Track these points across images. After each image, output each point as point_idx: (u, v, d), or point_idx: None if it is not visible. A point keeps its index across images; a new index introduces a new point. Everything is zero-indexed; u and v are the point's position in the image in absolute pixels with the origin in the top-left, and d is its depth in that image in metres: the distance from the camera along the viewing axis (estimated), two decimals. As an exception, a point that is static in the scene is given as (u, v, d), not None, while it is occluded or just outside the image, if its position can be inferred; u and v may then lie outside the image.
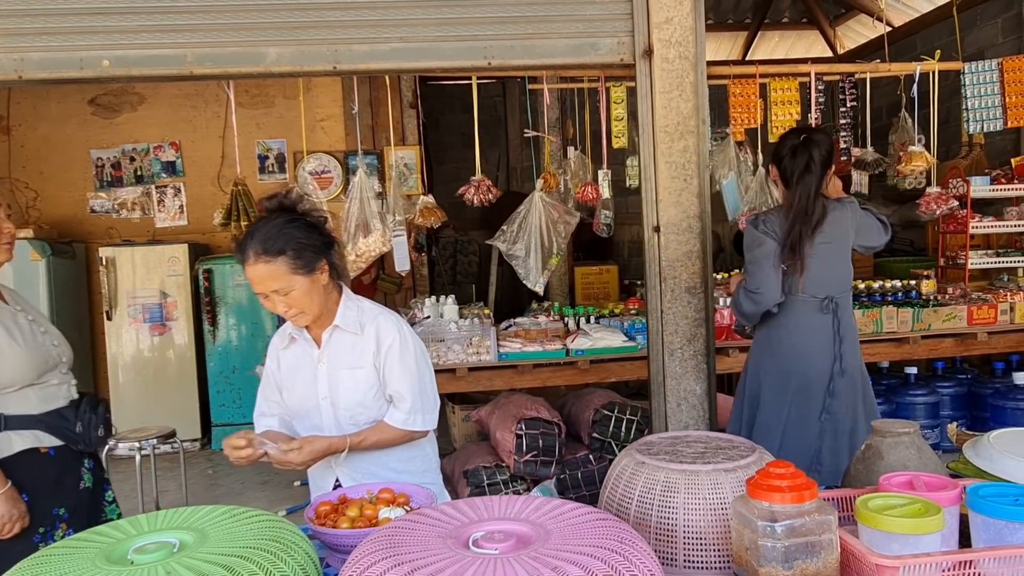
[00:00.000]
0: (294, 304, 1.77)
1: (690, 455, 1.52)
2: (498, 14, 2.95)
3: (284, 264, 1.72)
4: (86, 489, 2.21)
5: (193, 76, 2.90)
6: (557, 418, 3.62)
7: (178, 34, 2.88)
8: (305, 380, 1.89)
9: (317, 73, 2.96)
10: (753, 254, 2.68)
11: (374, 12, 2.92)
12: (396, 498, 1.59)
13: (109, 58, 2.86)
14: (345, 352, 1.88)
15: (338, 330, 1.87)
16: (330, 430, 1.88)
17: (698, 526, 1.38)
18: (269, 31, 2.90)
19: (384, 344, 1.86)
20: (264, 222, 1.77)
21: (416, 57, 2.94)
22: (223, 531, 1.26)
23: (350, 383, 1.87)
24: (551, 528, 1.23)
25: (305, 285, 1.76)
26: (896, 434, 1.59)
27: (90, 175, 5.85)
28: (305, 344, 1.90)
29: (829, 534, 1.18)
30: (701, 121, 3.01)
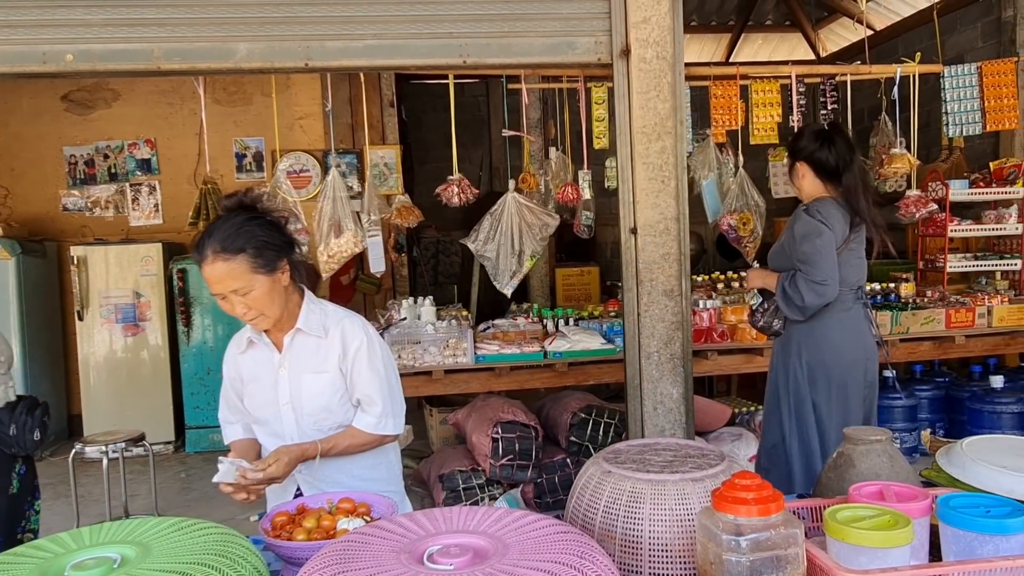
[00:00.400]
0: (254, 305, 1.70)
1: (658, 464, 1.48)
2: (474, 11, 2.91)
3: (244, 263, 1.66)
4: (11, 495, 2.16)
5: (160, 72, 2.83)
6: (534, 421, 3.58)
7: (145, 28, 2.81)
8: (265, 386, 1.83)
9: (288, 70, 2.90)
10: (815, 244, 2.61)
11: (347, 8, 2.86)
12: (356, 508, 1.54)
13: (73, 52, 2.79)
14: (308, 356, 1.82)
15: (300, 333, 1.81)
16: (292, 437, 1.82)
17: (664, 538, 1.34)
18: (239, 26, 2.83)
19: (352, 347, 1.80)
20: (223, 220, 1.71)
21: (390, 54, 2.89)
22: (168, 545, 1.21)
23: (313, 388, 1.81)
24: (510, 542, 1.18)
25: (265, 285, 1.70)
26: (868, 441, 1.56)
27: (63, 172, 5.74)
28: (265, 348, 1.84)
29: (795, 548, 1.14)
30: (679, 122, 2.98)
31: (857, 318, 2.77)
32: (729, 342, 4.06)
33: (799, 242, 2.67)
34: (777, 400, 2.85)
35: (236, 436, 1.91)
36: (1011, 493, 1.44)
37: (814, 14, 8.74)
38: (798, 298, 2.64)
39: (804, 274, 2.63)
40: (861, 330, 2.77)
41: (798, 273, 2.66)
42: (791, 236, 2.73)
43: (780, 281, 2.74)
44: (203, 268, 1.68)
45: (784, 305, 2.72)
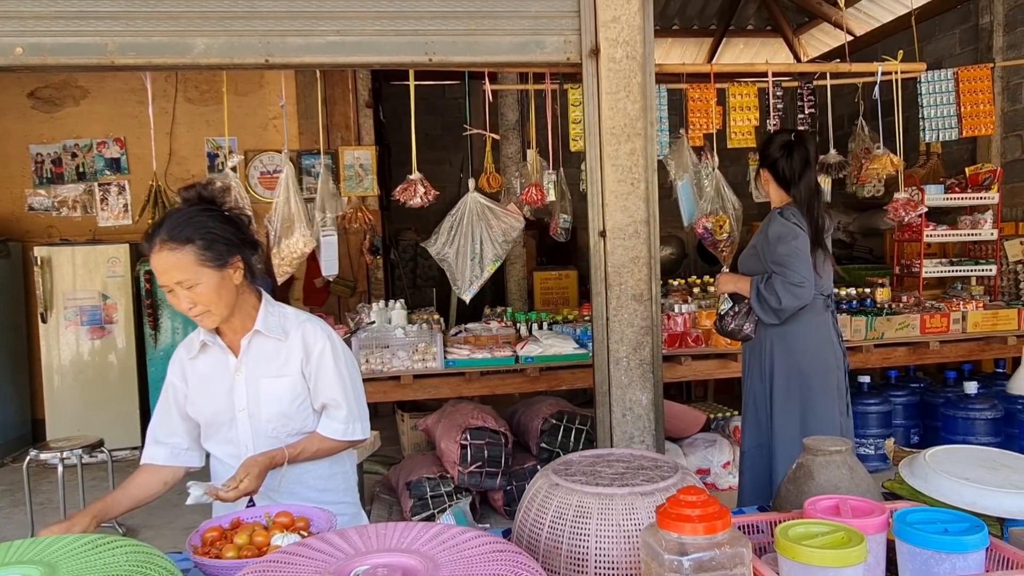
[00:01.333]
0: (200, 300, 1.62)
1: (608, 476, 1.42)
2: (440, 9, 2.84)
3: (191, 254, 1.58)
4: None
5: (115, 66, 2.74)
6: (504, 427, 3.51)
7: (99, 21, 2.73)
8: (219, 391, 1.74)
9: (248, 66, 2.82)
10: (791, 246, 2.60)
11: (309, 3, 2.79)
12: (295, 522, 1.47)
13: (23, 45, 2.70)
14: (266, 360, 1.74)
15: (259, 336, 1.73)
16: (247, 444, 1.74)
17: (611, 554, 1.28)
18: (197, 20, 2.75)
19: (315, 351, 1.73)
20: (177, 210, 1.64)
21: (353, 51, 2.82)
22: (77, 564, 1.13)
23: (272, 392, 1.73)
24: (441, 560, 1.12)
25: (213, 280, 1.61)
26: (828, 452, 1.50)
27: (29, 171, 5.61)
28: (219, 352, 1.75)
29: (742, 567, 1.08)
30: (649, 123, 2.92)
31: (827, 324, 2.77)
32: (704, 347, 4.02)
33: (774, 244, 2.64)
34: (754, 405, 2.83)
35: (156, 461, 1.78)
36: (973, 506, 1.39)
37: (795, 19, 8.76)
38: (774, 300, 2.61)
39: (780, 276, 2.60)
40: (830, 336, 2.77)
41: (774, 275, 2.63)
42: (765, 239, 2.70)
43: (754, 284, 2.70)
44: (151, 257, 1.59)
45: (759, 308, 2.69)
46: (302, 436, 1.75)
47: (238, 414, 1.73)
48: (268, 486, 1.67)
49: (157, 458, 1.78)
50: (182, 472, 1.81)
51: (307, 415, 1.76)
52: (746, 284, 2.75)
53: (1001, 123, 5.95)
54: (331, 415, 1.75)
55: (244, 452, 1.72)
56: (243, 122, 5.68)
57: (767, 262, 2.68)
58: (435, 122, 9.18)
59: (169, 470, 1.78)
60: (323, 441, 1.74)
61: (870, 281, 4.66)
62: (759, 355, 2.79)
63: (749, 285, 2.73)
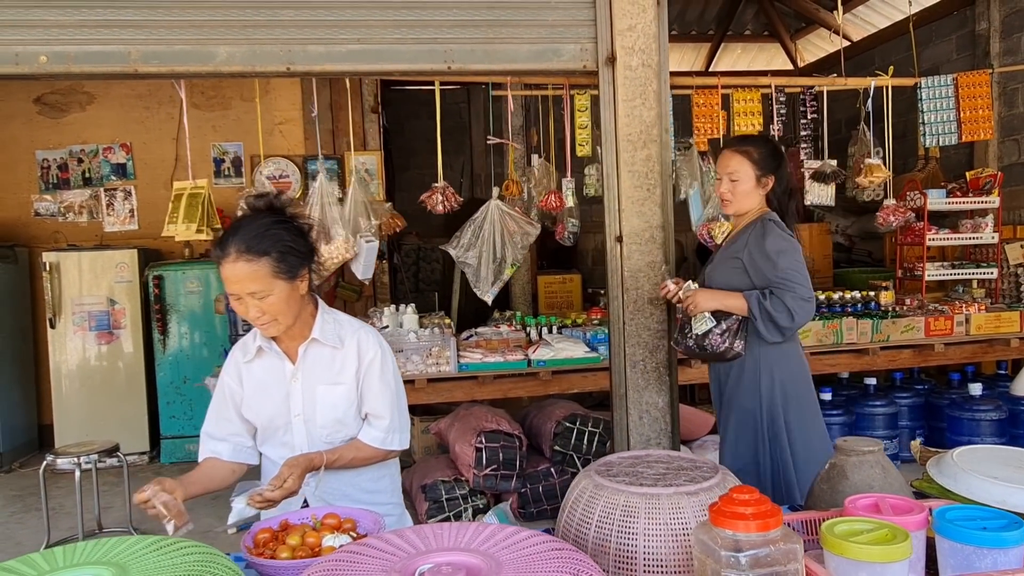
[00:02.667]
0: (269, 310, 1.65)
1: (651, 476, 1.45)
2: (459, 17, 2.88)
3: (267, 266, 1.61)
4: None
5: (138, 74, 2.76)
6: (518, 431, 3.55)
7: (122, 30, 2.75)
8: (276, 397, 1.77)
9: (270, 74, 2.85)
10: (795, 259, 2.44)
11: (330, 12, 2.82)
12: (342, 524, 1.50)
13: (47, 54, 2.72)
14: (323, 367, 1.77)
15: (316, 343, 1.76)
16: (302, 448, 1.77)
17: (659, 552, 1.31)
18: (219, 29, 2.78)
19: (366, 359, 1.76)
20: (250, 220, 1.66)
21: (373, 59, 2.85)
22: (147, 565, 1.16)
23: (328, 399, 1.76)
24: (503, 559, 1.15)
25: (285, 291, 1.65)
26: (861, 452, 1.55)
27: (35, 177, 5.61)
28: (275, 358, 1.77)
29: (795, 563, 1.12)
30: (664, 130, 2.97)
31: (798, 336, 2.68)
32: (712, 350, 4.06)
33: (776, 258, 2.45)
34: (752, 424, 2.62)
35: (222, 456, 1.82)
36: (1003, 504, 1.43)
37: (792, 25, 8.84)
38: (785, 317, 2.42)
39: (790, 292, 2.41)
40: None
41: (781, 291, 2.43)
42: (761, 253, 2.49)
43: (754, 300, 2.47)
44: (223, 266, 1.62)
45: (764, 326, 2.46)
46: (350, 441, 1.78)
47: (294, 419, 1.76)
48: (324, 488, 1.71)
49: (222, 454, 1.82)
50: (245, 468, 1.85)
51: (360, 422, 1.80)
52: (736, 300, 2.51)
53: (998, 128, 6.03)
54: (372, 424, 1.79)
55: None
56: (249, 128, 5.69)
57: (764, 277, 2.49)
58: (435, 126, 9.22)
59: (236, 464, 1.83)
60: (361, 448, 1.77)
61: (874, 284, 4.72)
62: (754, 373, 2.58)
63: (738, 301, 2.50)
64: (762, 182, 2.53)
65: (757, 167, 2.52)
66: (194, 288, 5.18)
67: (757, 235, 2.50)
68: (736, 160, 2.54)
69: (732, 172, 2.54)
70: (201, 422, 5.46)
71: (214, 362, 5.04)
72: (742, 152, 2.54)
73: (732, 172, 2.54)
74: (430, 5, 2.83)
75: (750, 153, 2.53)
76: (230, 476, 1.81)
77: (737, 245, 2.57)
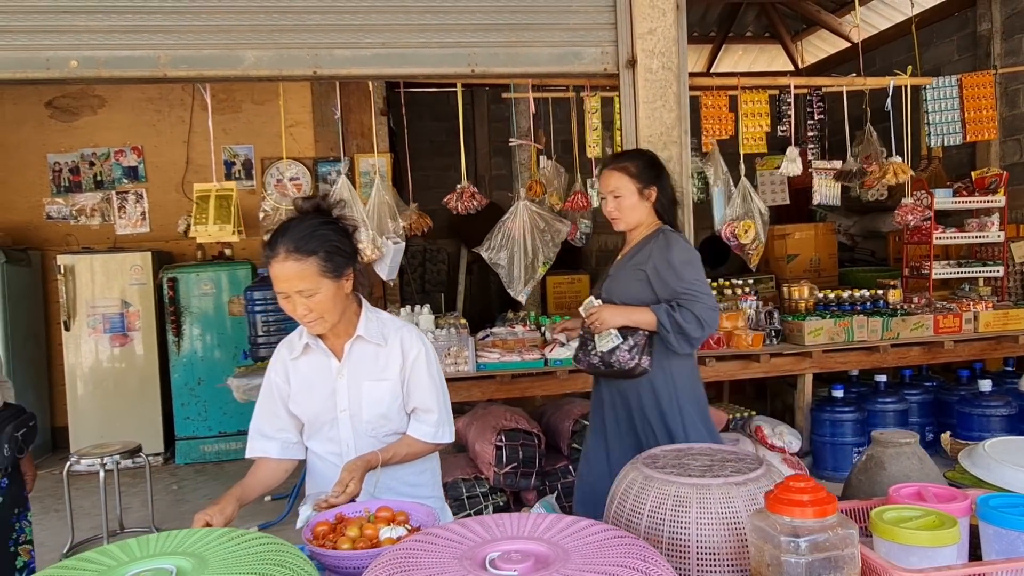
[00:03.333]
0: (315, 308, 1.70)
1: (697, 468, 1.49)
2: (482, 22, 2.93)
3: (314, 265, 1.66)
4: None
5: (167, 78, 2.81)
6: (537, 429, 3.59)
7: (151, 35, 2.80)
8: (322, 393, 1.82)
9: (297, 78, 2.90)
10: (699, 269, 2.45)
11: (356, 17, 2.87)
12: (395, 516, 1.54)
13: (77, 58, 2.76)
14: (368, 364, 1.81)
15: (360, 341, 1.81)
16: (348, 443, 1.82)
17: (711, 541, 1.35)
18: (247, 34, 2.83)
19: (410, 356, 1.82)
20: (298, 220, 1.72)
21: (398, 63, 2.90)
22: (223, 555, 1.19)
23: (373, 395, 1.81)
24: (569, 547, 1.19)
25: (331, 290, 1.70)
26: (898, 444, 1.59)
27: (46, 180, 5.63)
28: (321, 355, 1.82)
29: (851, 548, 1.16)
30: (684, 132, 3.03)
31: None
32: (725, 348, 4.12)
33: (681, 269, 2.41)
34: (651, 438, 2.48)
35: (271, 454, 1.86)
36: (1038, 492, 1.48)
37: (793, 26, 8.91)
38: (695, 328, 2.37)
39: (699, 302, 2.37)
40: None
41: (691, 302, 2.38)
42: (667, 264, 2.43)
43: (664, 314, 2.40)
44: (272, 265, 1.67)
45: (676, 338, 2.39)
46: (398, 436, 1.83)
47: (340, 415, 1.81)
48: (364, 488, 1.74)
49: (271, 452, 1.86)
50: (295, 464, 1.90)
51: (402, 417, 1.85)
52: (644, 315, 2.42)
53: (1000, 128, 6.10)
54: (422, 419, 1.83)
55: (345, 450, 1.80)
56: (260, 131, 5.74)
57: (669, 289, 2.43)
58: (440, 128, 9.27)
59: (287, 462, 1.87)
60: (413, 444, 1.82)
61: (882, 283, 4.78)
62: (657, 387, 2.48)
63: (647, 316, 2.41)
64: (645, 194, 2.48)
65: (637, 180, 2.48)
66: (207, 290, 5.21)
67: (660, 247, 2.46)
68: (615, 177, 2.49)
69: (614, 189, 2.49)
70: (215, 423, 5.48)
71: (227, 363, 5.07)
72: (620, 168, 2.49)
73: (614, 189, 2.49)
74: (454, 10, 2.88)
75: (628, 168, 2.49)
76: (283, 475, 1.87)
77: (639, 258, 2.50)
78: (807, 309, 4.41)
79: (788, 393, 4.72)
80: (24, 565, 2.34)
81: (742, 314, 4.26)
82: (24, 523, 2.36)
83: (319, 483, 1.86)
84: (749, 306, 4.39)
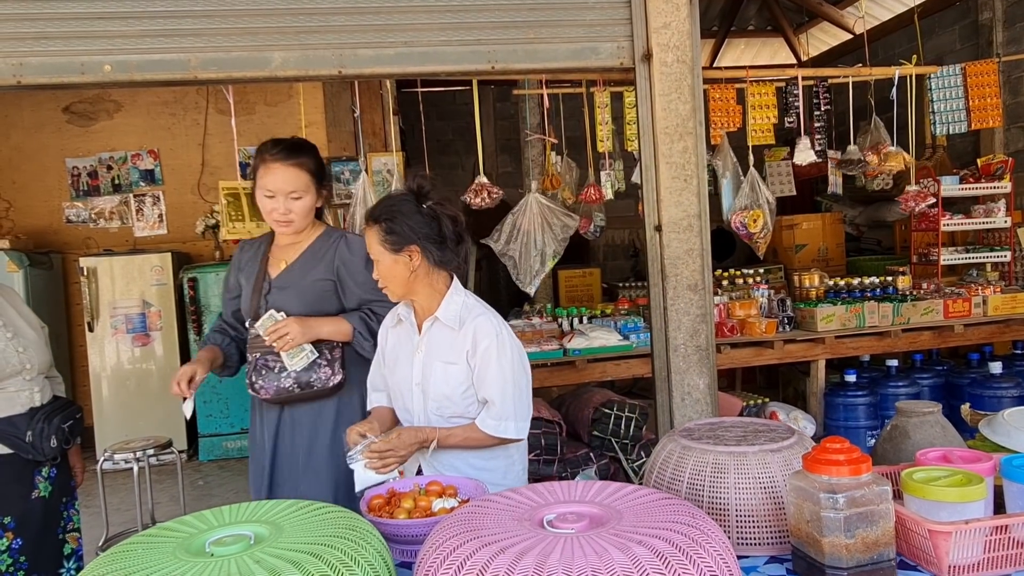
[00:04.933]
0: (381, 276, 1.87)
1: (732, 439, 1.58)
2: (501, 19, 3.00)
3: (376, 234, 1.84)
4: (40, 498, 2.18)
5: (197, 80, 2.88)
6: (558, 417, 3.67)
7: (182, 39, 2.87)
8: (403, 363, 1.95)
9: (322, 77, 2.97)
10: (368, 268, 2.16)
11: (379, 17, 2.94)
12: (445, 490, 1.62)
13: (111, 63, 2.83)
14: (442, 345, 1.89)
15: (437, 322, 1.90)
16: (418, 415, 1.93)
17: (750, 504, 1.44)
18: (274, 35, 2.90)
19: (480, 346, 1.84)
20: (389, 196, 1.91)
21: (420, 61, 2.97)
22: (297, 524, 1.28)
23: (441, 375, 1.88)
24: (621, 509, 1.27)
25: (387, 261, 1.84)
26: (921, 414, 1.67)
27: (65, 184, 5.73)
28: (409, 328, 1.96)
29: (886, 504, 1.24)
30: (698, 123, 3.09)
31: None
32: (739, 336, 4.19)
33: (366, 268, 2.13)
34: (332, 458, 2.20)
35: (379, 403, 2.06)
36: (1056, 456, 1.56)
37: (795, 19, 8.98)
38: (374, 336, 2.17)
39: (382, 302, 2.13)
40: None
41: (380, 305, 2.17)
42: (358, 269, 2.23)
43: (357, 322, 2.20)
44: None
45: (372, 347, 2.17)
46: (465, 420, 1.88)
47: (414, 387, 1.93)
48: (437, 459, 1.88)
49: (380, 402, 2.06)
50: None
51: (471, 403, 1.89)
52: (339, 325, 2.20)
53: (1004, 115, 6.17)
54: (487, 410, 1.87)
55: (416, 421, 1.92)
56: (274, 131, 5.81)
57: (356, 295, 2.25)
58: (446, 127, 9.35)
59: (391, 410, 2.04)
60: (475, 431, 1.86)
61: (890, 270, 4.85)
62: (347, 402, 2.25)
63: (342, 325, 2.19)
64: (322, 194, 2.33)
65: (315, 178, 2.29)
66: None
67: (341, 251, 2.26)
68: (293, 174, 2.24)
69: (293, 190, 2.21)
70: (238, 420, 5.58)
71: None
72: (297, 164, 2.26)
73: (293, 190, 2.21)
74: (474, 8, 2.95)
75: (307, 164, 2.28)
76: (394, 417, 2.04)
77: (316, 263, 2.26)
78: (818, 296, 4.49)
79: (799, 380, 4.79)
80: (72, 552, 2.42)
81: (755, 302, 4.34)
82: (72, 511, 2.45)
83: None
84: (761, 294, 4.47)
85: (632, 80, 3.09)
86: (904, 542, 1.32)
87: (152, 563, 1.14)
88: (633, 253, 9.45)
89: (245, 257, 2.40)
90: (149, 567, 1.12)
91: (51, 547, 2.27)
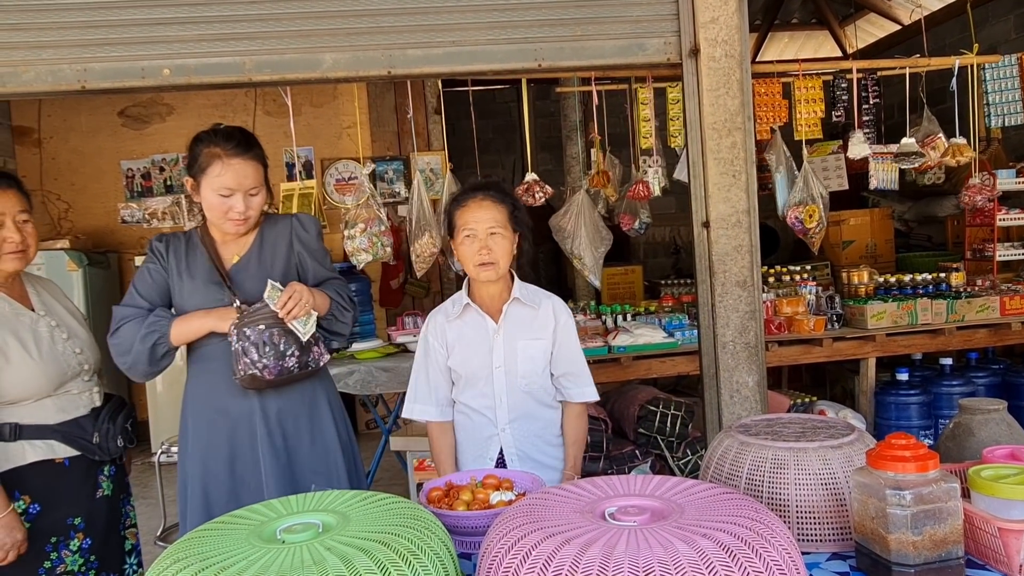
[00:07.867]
0: (495, 247, 1.98)
1: (791, 435, 1.57)
2: (548, 17, 3.02)
3: (506, 211, 2.03)
4: (104, 497, 2.22)
5: (252, 83, 2.96)
6: (603, 415, 3.68)
7: (237, 42, 2.94)
8: (480, 350, 2.05)
9: (372, 78, 3.02)
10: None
11: (427, 17, 2.98)
12: (502, 483, 1.64)
13: (170, 67, 2.92)
14: (523, 325, 2.06)
15: (516, 303, 2.05)
16: (500, 397, 2.05)
17: (810, 500, 1.43)
18: (325, 37, 2.96)
19: (561, 320, 2.08)
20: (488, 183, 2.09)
21: (468, 60, 3.00)
22: (363, 514, 1.31)
23: (527, 353, 2.04)
24: (682, 503, 1.28)
25: (509, 236, 2.01)
26: (986, 411, 1.64)
27: (120, 186, 5.91)
28: (478, 316, 2.06)
29: (954, 501, 1.23)
30: (747, 118, 3.06)
31: None
32: (787, 333, 4.14)
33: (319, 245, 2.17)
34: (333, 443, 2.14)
35: (433, 418, 2.11)
36: None
37: (840, 11, 8.80)
38: (353, 314, 2.16)
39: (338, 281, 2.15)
40: None
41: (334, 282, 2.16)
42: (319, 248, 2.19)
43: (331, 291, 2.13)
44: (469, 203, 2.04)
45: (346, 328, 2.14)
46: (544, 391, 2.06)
47: (495, 371, 2.03)
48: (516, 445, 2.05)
49: (433, 416, 2.11)
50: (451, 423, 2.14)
51: (547, 376, 2.08)
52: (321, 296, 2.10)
53: (1062, 106, 5.95)
54: (577, 382, 2.09)
55: (498, 403, 2.03)
56: (319, 132, 5.93)
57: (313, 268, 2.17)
58: (486, 126, 9.39)
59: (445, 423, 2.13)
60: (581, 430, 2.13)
61: (943, 266, 4.74)
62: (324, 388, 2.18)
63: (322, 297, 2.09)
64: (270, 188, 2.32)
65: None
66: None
67: (298, 232, 2.18)
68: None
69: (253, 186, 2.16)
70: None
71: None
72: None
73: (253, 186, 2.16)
74: (521, 6, 2.97)
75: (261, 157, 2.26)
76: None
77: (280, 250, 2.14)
78: (867, 293, 4.41)
79: (848, 379, 4.70)
80: (132, 547, 2.48)
81: (802, 299, 4.28)
82: (128, 507, 2.51)
83: (467, 438, 2.07)
84: (809, 291, 4.40)
85: (679, 76, 3.08)
86: (972, 540, 1.30)
87: (228, 549, 1.18)
88: (674, 250, 9.38)
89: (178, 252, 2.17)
90: (226, 552, 1.16)
91: (115, 544, 2.32)
